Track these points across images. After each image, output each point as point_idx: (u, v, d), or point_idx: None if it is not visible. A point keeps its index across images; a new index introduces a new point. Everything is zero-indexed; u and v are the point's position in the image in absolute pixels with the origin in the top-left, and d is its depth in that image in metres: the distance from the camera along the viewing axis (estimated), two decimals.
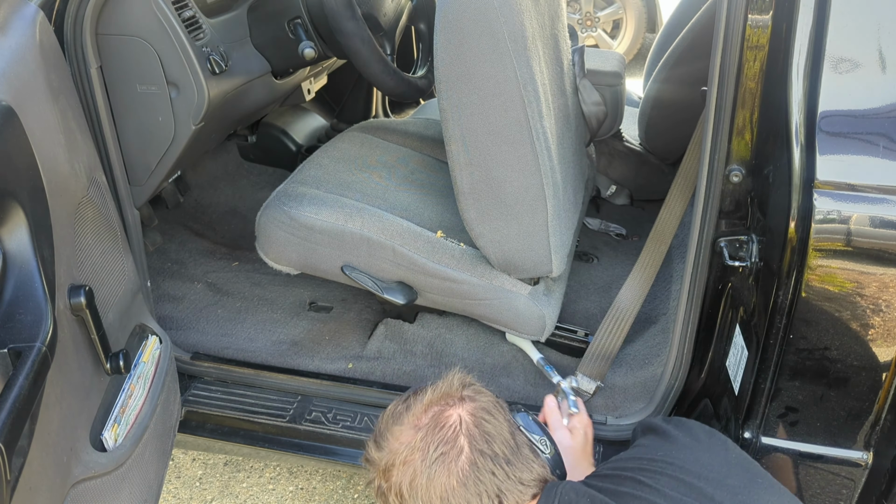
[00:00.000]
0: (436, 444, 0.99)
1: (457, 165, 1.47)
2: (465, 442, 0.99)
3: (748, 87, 1.21)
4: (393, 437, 1.04)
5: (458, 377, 1.09)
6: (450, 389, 1.06)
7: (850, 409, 1.22)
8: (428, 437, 1.00)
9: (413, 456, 1.00)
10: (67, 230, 1.13)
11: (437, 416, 1.02)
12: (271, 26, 1.83)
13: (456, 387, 1.06)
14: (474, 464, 0.98)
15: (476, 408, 1.03)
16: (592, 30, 5.12)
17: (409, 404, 1.06)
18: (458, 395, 1.05)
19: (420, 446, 1.00)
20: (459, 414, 1.02)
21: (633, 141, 2.51)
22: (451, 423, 1.01)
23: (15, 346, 0.92)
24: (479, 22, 1.31)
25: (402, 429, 1.03)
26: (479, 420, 1.01)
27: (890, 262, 1.10)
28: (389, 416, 1.07)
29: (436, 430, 1.00)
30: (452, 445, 0.99)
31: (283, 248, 1.69)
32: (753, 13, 1.17)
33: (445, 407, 1.03)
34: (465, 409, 1.02)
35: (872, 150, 1.10)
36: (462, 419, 1.01)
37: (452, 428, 1.00)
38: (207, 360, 1.81)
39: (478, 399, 1.05)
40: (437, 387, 1.07)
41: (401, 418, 1.05)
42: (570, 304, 1.95)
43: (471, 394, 1.06)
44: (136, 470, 1.25)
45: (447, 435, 0.99)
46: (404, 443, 1.02)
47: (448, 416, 1.01)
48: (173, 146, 1.65)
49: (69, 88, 1.26)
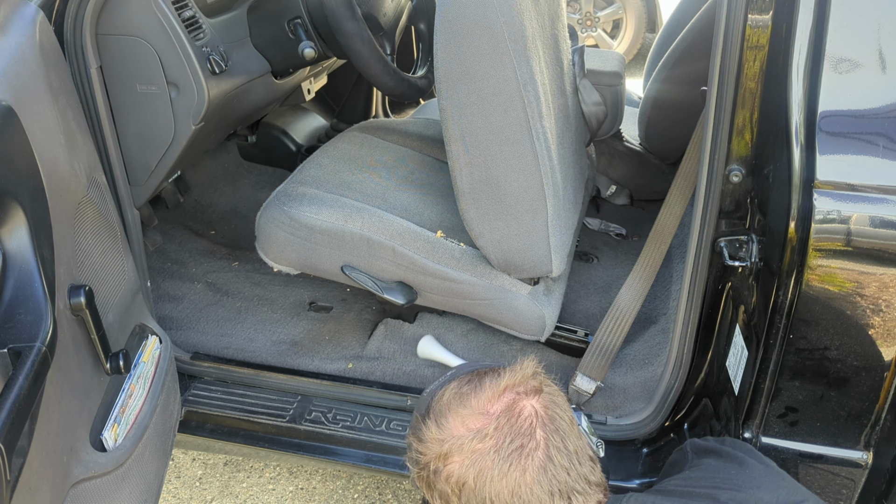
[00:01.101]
0: (510, 436, 0.91)
1: (457, 165, 1.47)
2: (541, 435, 0.92)
3: (748, 87, 1.21)
4: (457, 420, 0.94)
5: (531, 364, 0.99)
6: (523, 377, 0.96)
7: (850, 409, 1.22)
8: (503, 428, 0.91)
9: (483, 446, 0.91)
10: (67, 230, 1.13)
11: (512, 405, 0.93)
12: (271, 26, 1.83)
13: (528, 374, 0.97)
14: (550, 460, 0.91)
15: (549, 401, 0.95)
16: (592, 30, 5.12)
17: (476, 386, 0.96)
18: (532, 386, 0.96)
19: (493, 435, 0.91)
20: (533, 405, 0.94)
21: (633, 141, 2.51)
22: (527, 415, 0.92)
23: (15, 346, 0.92)
24: (479, 22, 1.31)
25: (470, 411, 0.94)
26: (552, 414, 0.94)
27: (890, 262, 1.10)
28: (453, 394, 0.97)
29: (511, 420, 0.92)
30: (529, 438, 0.91)
31: (283, 248, 1.69)
32: (753, 13, 1.17)
33: (521, 396, 0.94)
34: (538, 401, 0.94)
35: (872, 150, 1.10)
36: (537, 411, 0.93)
37: (529, 420, 0.92)
38: (207, 360, 1.81)
39: (551, 391, 0.97)
40: (514, 371, 0.97)
41: (467, 400, 0.95)
42: (570, 304, 1.95)
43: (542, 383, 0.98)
44: (136, 470, 1.25)
45: (524, 427, 0.92)
46: (472, 429, 0.93)
47: (523, 407, 0.93)
48: (173, 146, 1.65)
49: (69, 88, 1.26)
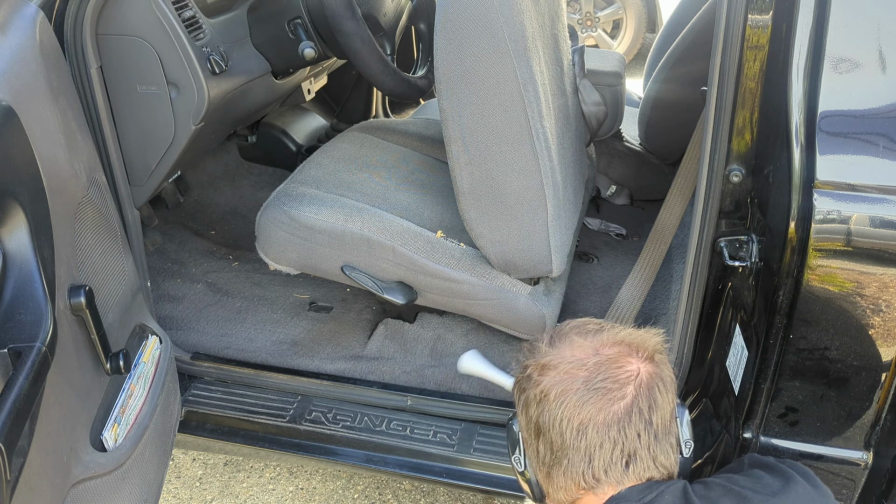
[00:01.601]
0: (605, 376, 0.96)
1: (457, 165, 1.47)
2: (631, 392, 0.96)
3: (748, 87, 1.21)
4: (570, 345, 1.01)
5: (657, 338, 1.03)
6: (644, 342, 1.01)
7: (850, 409, 1.22)
8: (602, 366, 0.97)
9: (578, 372, 0.97)
10: (67, 230, 1.13)
11: (620, 355, 0.98)
12: (271, 26, 1.83)
13: (651, 344, 1.01)
14: (629, 414, 0.95)
15: (657, 373, 0.99)
16: (592, 30, 5.12)
17: (602, 328, 1.03)
18: (649, 353, 1.00)
19: (591, 367, 0.97)
20: (640, 367, 0.98)
21: (633, 141, 2.51)
22: (629, 369, 0.97)
23: (15, 346, 0.92)
24: (479, 22, 1.31)
25: (584, 343, 1.00)
26: (653, 384, 0.98)
27: (890, 262, 1.10)
28: (578, 325, 1.04)
29: (612, 365, 0.97)
30: (620, 388, 0.96)
31: (283, 248, 1.69)
32: (753, 13, 1.17)
33: (632, 353, 0.99)
34: (647, 367, 0.98)
35: (872, 150, 1.10)
36: (640, 373, 0.97)
37: (628, 374, 0.97)
38: (207, 360, 1.81)
39: (661, 368, 1.01)
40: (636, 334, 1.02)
41: (588, 335, 1.02)
42: (570, 304, 1.95)
43: (659, 360, 1.01)
44: (136, 470, 1.25)
45: (620, 376, 0.96)
46: (578, 356, 0.99)
47: (630, 362, 0.98)
48: (173, 146, 1.65)
49: (69, 88, 1.26)
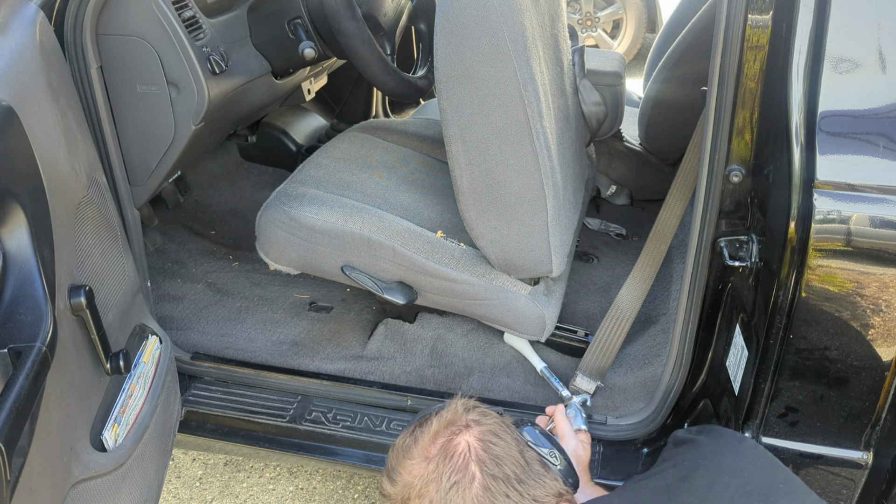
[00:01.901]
0: (448, 474, 1.00)
1: (457, 165, 1.47)
2: (475, 468, 1.00)
3: (748, 87, 1.21)
4: (405, 471, 1.05)
5: (461, 402, 1.09)
6: (455, 416, 1.07)
7: (850, 409, 1.22)
8: (440, 468, 1.01)
9: (428, 488, 1.01)
10: (67, 230, 1.13)
11: (446, 444, 1.03)
12: (271, 26, 1.83)
13: (461, 412, 1.07)
14: (487, 489, 0.99)
15: (483, 432, 1.04)
16: (592, 30, 5.12)
17: (416, 436, 1.07)
18: (464, 421, 1.06)
19: (433, 477, 1.01)
20: (467, 440, 1.03)
21: (633, 141, 2.51)
22: (460, 451, 1.02)
23: (15, 346, 0.92)
24: (479, 22, 1.31)
25: (414, 462, 1.04)
26: (486, 444, 1.02)
27: (890, 262, 1.10)
28: (399, 449, 1.08)
29: (446, 459, 1.01)
30: (464, 473, 1.00)
31: (283, 248, 1.69)
32: (753, 13, 1.17)
33: (453, 435, 1.04)
34: (472, 435, 1.03)
35: (872, 150, 1.10)
36: (470, 445, 1.02)
37: (462, 455, 1.01)
38: (207, 360, 1.81)
39: (484, 422, 1.06)
40: (442, 415, 1.07)
41: (410, 451, 1.06)
42: (570, 304, 1.95)
43: (476, 417, 1.06)
44: (137, 470, 1.25)
45: (458, 463, 1.01)
46: (417, 475, 1.03)
47: (457, 444, 1.02)
48: (173, 146, 1.65)
49: (69, 88, 1.26)
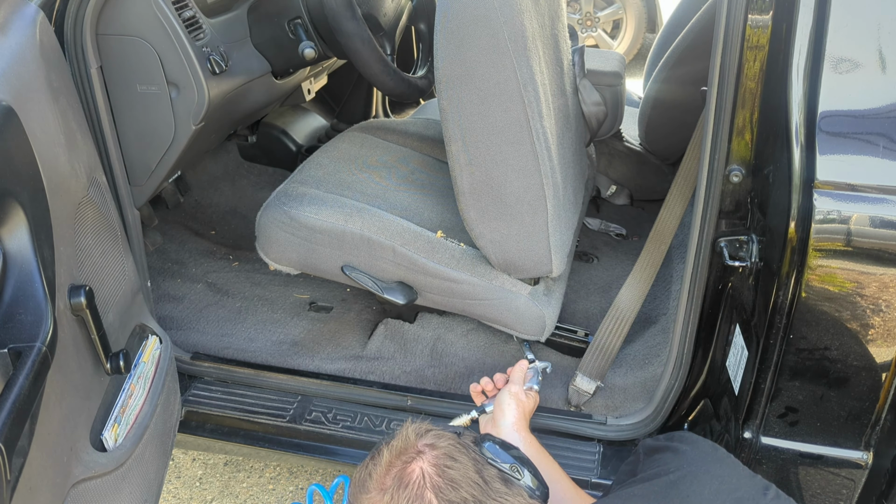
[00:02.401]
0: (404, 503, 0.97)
1: (457, 165, 1.47)
2: (431, 495, 0.97)
3: (748, 87, 1.21)
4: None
5: (412, 428, 1.05)
6: (406, 444, 1.03)
7: (850, 409, 1.22)
8: (395, 498, 0.98)
9: None
10: (67, 230, 1.13)
11: (400, 474, 1.00)
12: (271, 26, 1.83)
13: (412, 439, 1.04)
14: None
15: (437, 456, 1.00)
16: (592, 30, 5.12)
17: (370, 470, 1.04)
18: (417, 448, 1.02)
19: None
20: (421, 467, 0.99)
21: (633, 141, 2.51)
22: (414, 479, 0.98)
23: (15, 346, 0.92)
24: (479, 22, 1.31)
25: (370, 496, 1.01)
26: (441, 469, 0.99)
27: (890, 262, 1.10)
28: (356, 484, 1.06)
29: (401, 489, 0.98)
30: (420, 501, 0.97)
31: (283, 248, 1.69)
32: (753, 13, 1.17)
33: (405, 463, 1.01)
34: (425, 461, 1.00)
35: (872, 150, 1.10)
36: (424, 472, 0.99)
37: (416, 484, 0.98)
38: (207, 360, 1.81)
39: (438, 445, 1.02)
40: (392, 445, 1.04)
41: (365, 485, 1.03)
42: (570, 304, 1.95)
43: (430, 441, 1.03)
44: (137, 470, 1.25)
45: (412, 492, 0.98)
46: None
47: (411, 472, 0.99)
48: (173, 146, 1.65)
49: (69, 88, 1.26)
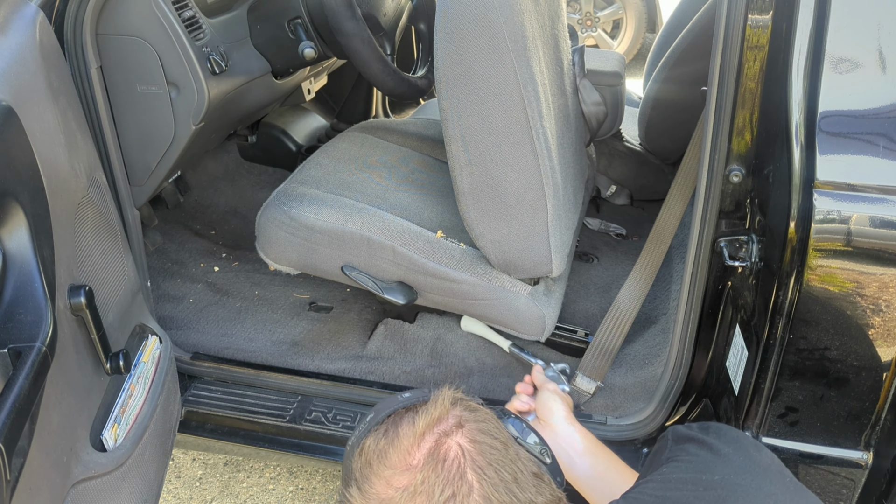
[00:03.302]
0: (441, 486, 0.82)
1: (457, 165, 1.47)
2: (473, 477, 0.84)
3: (748, 87, 1.21)
4: (382, 482, 0.85)
5: (448, 394, 0.92)
6: (443, 412, 0.88)
7: (850, 409, 1.22)
8: (430, 478, 0.83)
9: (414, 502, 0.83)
10: (67, 230, 1.13)
11: (435, 449, 0.85)
12: (271, 26, 1.83)
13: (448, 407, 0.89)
14: (487, 499, 0.83)
15: (475, 431, 0.88)
16: (592, 30, 5.12)
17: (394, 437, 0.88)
18: (454, 419, 0.88)
19: (422, 489, 0.83)
20: (459, 443, 0.86)
21: (633, 141, 2.51)
22: (453, 457, 0.84)
23: (15, 346, 0.92)
24: (479, 22, 1.31)
25: (394, 472, 0.85)
26: (481, 446, 0.86)
27: (890, 262, 1.10)
28: (370, 454, 0.89)
29: (437, 467, 0.84)
30: (461, 483, 0.83)
31: (283, 248, 1.69)
32: (753, 13, 1.17)
33: (442, 436, 0.86)
34: (464, 436, 0.87)
35: (872, 150, 1.10)
36: (463, 449, 0.85)
37: (456, 462, 0.84)
38: (207, 360, 1.81)
39: (474, 419, 0.89)
40: (428, 411, 0.89)
41: (386, 457, 0.86)
42: (570, 304, 1.95)
43: (464, 413, 0.90)
44: (137, 470, 1.25)
45: (452, 472, 0.83)
46: (400, 487, 0.84)
47: (448, 449, 0.85)
48: (173, 146, 1.65)
49: (69, 88, 1.26)
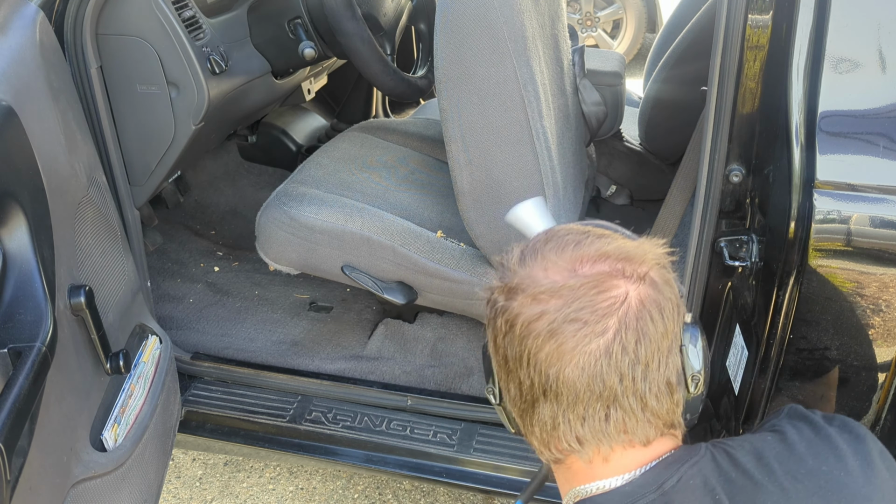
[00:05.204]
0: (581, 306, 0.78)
1: (457, 165, 1.47)
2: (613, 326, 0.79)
3: (748, 87, 1.21)
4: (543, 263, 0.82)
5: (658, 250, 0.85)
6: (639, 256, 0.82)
7: (850, 409, 1.22)
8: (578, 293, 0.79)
9: (550, 300, 0.79)
10: (67, 230, 1.13)
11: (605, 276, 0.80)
12: (271, 26, 1.83)
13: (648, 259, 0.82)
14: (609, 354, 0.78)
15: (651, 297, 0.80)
16: (592, 30, 5.12)
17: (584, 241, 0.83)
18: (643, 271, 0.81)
19: (564, 293, 0.79)
20: (629, 291, 0.80)
21: (633, 141, 2.51)
22: (613, 294, 0.79)
23: (15, 346, 0.92)
24: (479, 22, 1.31)
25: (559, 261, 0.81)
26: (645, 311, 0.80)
27: (890, 262, 1.10)
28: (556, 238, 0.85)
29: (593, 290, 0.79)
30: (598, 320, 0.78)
31: (283, 248, 1.69)
32: (753, 13, 1.17)
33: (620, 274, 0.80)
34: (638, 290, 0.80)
35: (872, 150, 1.10)
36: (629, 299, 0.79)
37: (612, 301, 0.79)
38: (207, 360, 1.81)
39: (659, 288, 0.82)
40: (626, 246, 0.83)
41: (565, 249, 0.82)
42: None
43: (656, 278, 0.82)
44: (136, 470, 1.25)
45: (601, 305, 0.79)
46: (549, 278, 0.81)
47: (616, 286, 0.79)
48: (173, 146, 1.65)
49: (69, 88, 1.26)
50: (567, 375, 0.79)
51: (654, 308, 0.80)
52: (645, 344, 0.80)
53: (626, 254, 0.82)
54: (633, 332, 0.79)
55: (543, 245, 0.85)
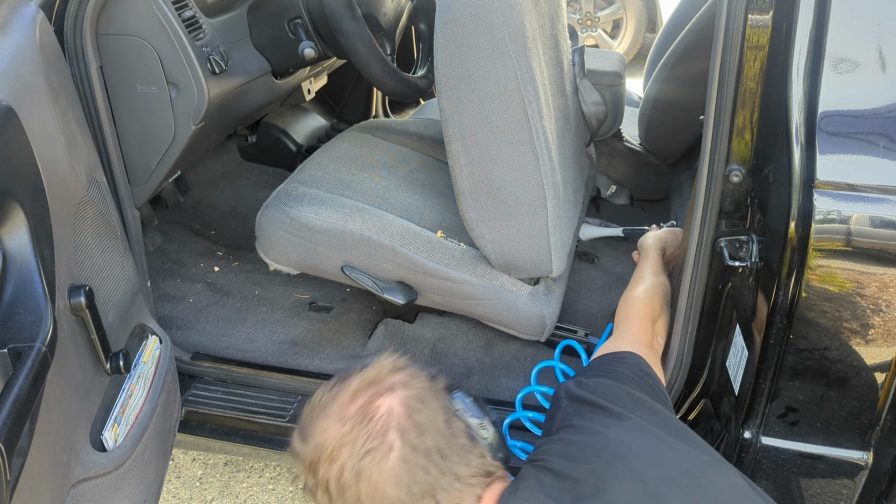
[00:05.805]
0: (364, 439, 0.91)
1: (457, 165, 1.47)
2: (395, 436, 0.91)
3: (748, 87, 1.21)
4: (319, 431, 0.95)
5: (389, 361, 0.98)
6: (379, 375, 0.96)
7: (850, 409, 1.22)
8: (356, 431, 0.92)
9: (340, 452, 0.92)
10: (67, 230, 1.13)
11: (366, 406, 0.93)
12: (271, 26, 1.83)
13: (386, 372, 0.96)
14: (405, 460, 0.90)
15: (408, 396, 0.94)
16: (592, 30, 5.12)
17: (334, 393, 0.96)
18: (389, 383, 0.95)
19: (347, 440, 0.92)
20: (389, 404, 0.93)
21: (633, 141, 2.51)
22: (380, 415, 0.92)
23: (15, 346, 0.92)
24: (479, 22, 1.31)
25: (329, 421, 0.94)
26: (410, 410, 0.93)
27: (890, 262, 1.10)
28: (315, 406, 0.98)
29: (364, 422, 0.92)
30: (382, 440, 0.91)
31: (283, 248, 1.69)
32: (753, 13, 1.17)
33: (374, 396, 0.94)
34: (395, 399, 0.93)
35: (872, 150, 1.10)
36: (392, 410, 0.92)
37: (381, 420, 0.92)
38: (207, 360, 1.81)
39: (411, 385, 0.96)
40: (366, 373, 0.97)
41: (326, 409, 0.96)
42: (570, 304, 1.95)
43: (403, 379, 0.96)
44: (136, 470, 1.25)
45: (376, 428, 0.91)
46: (331, 437, 0.93)
47: (377, 408, 0.93)
48: (173, 146, 1.65)
49: (69, 88, 1.26)
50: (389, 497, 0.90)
51: (415, 402, 0.94)
52: (427, 433, 0.92)
53: (369, 380, 0.96)
54: (412, 431, 0.92)
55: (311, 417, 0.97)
